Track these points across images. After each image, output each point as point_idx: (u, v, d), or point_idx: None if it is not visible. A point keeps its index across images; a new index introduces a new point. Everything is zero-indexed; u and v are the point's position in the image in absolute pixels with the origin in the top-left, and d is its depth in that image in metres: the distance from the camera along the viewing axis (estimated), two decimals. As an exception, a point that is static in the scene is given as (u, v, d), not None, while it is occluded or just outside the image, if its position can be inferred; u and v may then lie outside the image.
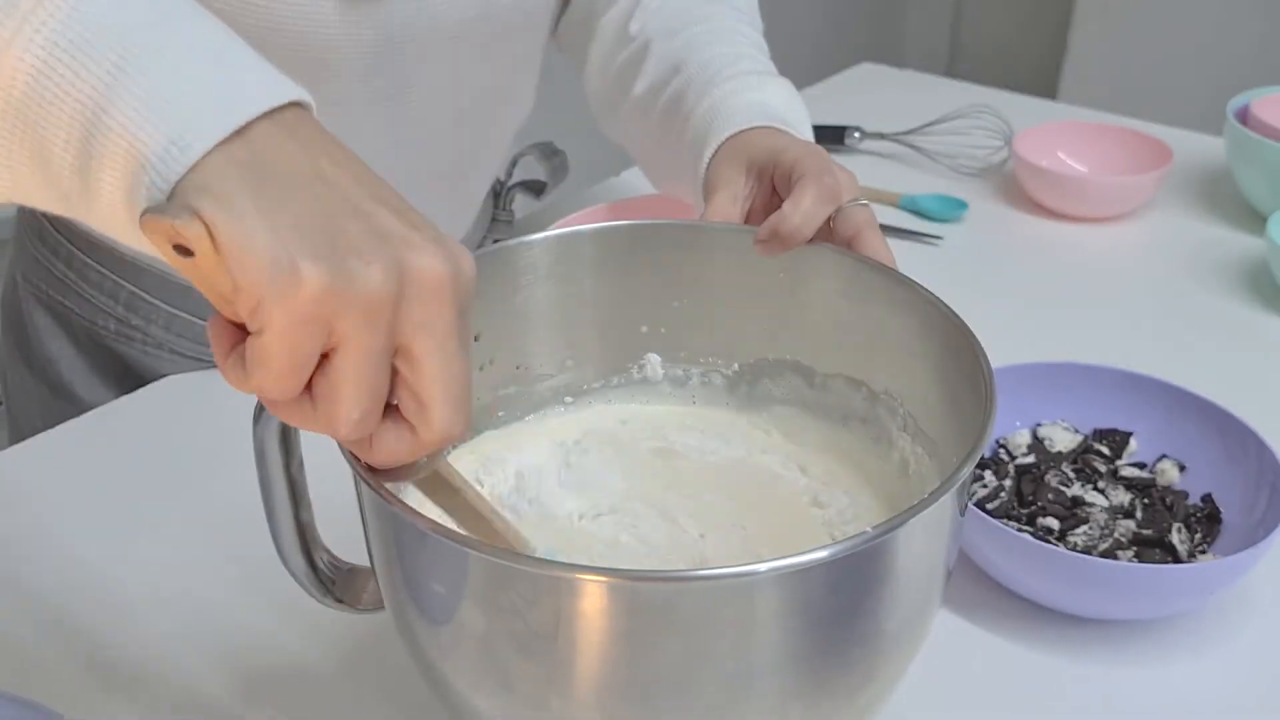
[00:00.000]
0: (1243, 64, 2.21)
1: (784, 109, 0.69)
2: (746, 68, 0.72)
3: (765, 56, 0.77)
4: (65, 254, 0.83)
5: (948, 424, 0.53)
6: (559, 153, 0.99)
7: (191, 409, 0.82)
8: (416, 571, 0.44)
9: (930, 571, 0.45)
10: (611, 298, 0.61)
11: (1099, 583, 0.60)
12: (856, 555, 0.40)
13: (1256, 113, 1.05)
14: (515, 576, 0.40)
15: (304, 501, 0.48)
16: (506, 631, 0.42)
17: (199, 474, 0.74)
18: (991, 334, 0.52)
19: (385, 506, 0.42)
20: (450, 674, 0.45)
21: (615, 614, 0.40)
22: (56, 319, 0.86)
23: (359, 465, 0.42)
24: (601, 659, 0.42)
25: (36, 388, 0.89)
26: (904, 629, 0.45)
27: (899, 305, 0.55)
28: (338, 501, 0.52)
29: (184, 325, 0.83)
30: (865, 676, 0.45)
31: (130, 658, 0.61)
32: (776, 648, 0.42)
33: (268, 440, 0.46)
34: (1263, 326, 0.92)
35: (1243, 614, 0.64)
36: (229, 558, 0.66)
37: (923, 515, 0.41)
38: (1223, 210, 1.08)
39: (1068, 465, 0.70)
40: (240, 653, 0.61)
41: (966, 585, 0.65)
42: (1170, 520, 0.66)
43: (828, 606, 0.41)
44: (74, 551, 0.68)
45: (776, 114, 0.68)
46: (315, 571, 0.50)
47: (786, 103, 0.70)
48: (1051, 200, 1.06)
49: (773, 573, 0.39)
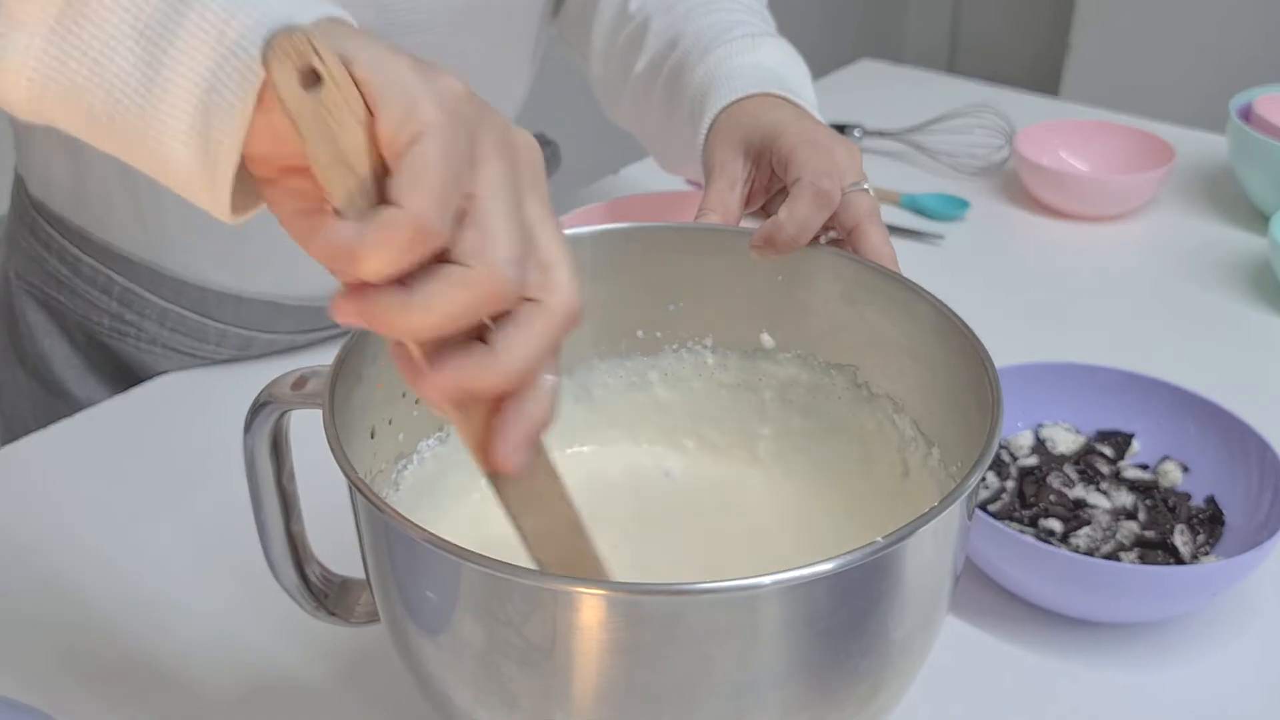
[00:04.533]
0: (1245, 62, 2.21)
1: (780, 69, 0.68)
2: (741, 32, 0.71)
3: (765, 20, 0.76)
4: (58, 249, 0.83)
5: (949, 427, 0.53)
6: (550, 143, 0.99)
7: (186, 408, 0.81)
8: (412, 583, 0.43)
9: (938, 580, 0.45)
10: (607, 300, 0.60)
11: (1102, 585, 0.60)
12: (864, 566, 0.39)
13: (1259, 111, 1.04)
14: (514, 589, 0.39)
15: (295, 513, 0.48)
16: (506, 645, 0.41)
17: (194, 475, 0.73)
18: (993, 334, 0.52)
19: (379, 516, 0.41)
20: (449, 689, 0.45)
21: (617, 628, 0.39)
22: (50, 315, 0.86)
23: (488, 472, 0.39)
24: (604, 673, 0.41)
25: (30, 385, 0.88)
26: (912, 638, 0.44)
27: (899, 308, 0.55)
28: (330, 513, 0.52)
29: (177, 320, 0.82)
30: (873, 687, 0.44)
31: (123, 662, 0.60)
32: (782, 660, 0.41)
33: (258, 450, 0.45)
34: (1266, 326, 0.91)
35: (1246, 616, 0.64)
36: (225, 561, 0.66)
37: (932, 524, 0.40)
38: (1225, 209, 1.08)
39: (1070, 467, 0.70)
40: (235, 660, 0.61)
41: (968, 588, 0.64)
42: (1173, 522, 0.65)
43: (835, 618, 0.40)
44: (67, 555, 0.67)
45: (773, 76, 0.67)
46: (307, 584, 0.49)
47: (782, 62, 0.69)
48: (1053, 199, 1.06)
49: (777, 585, 0.38)
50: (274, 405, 0.45)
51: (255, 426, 0.45)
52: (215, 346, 0.84)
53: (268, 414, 0.45)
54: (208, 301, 0.82)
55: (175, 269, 0.81)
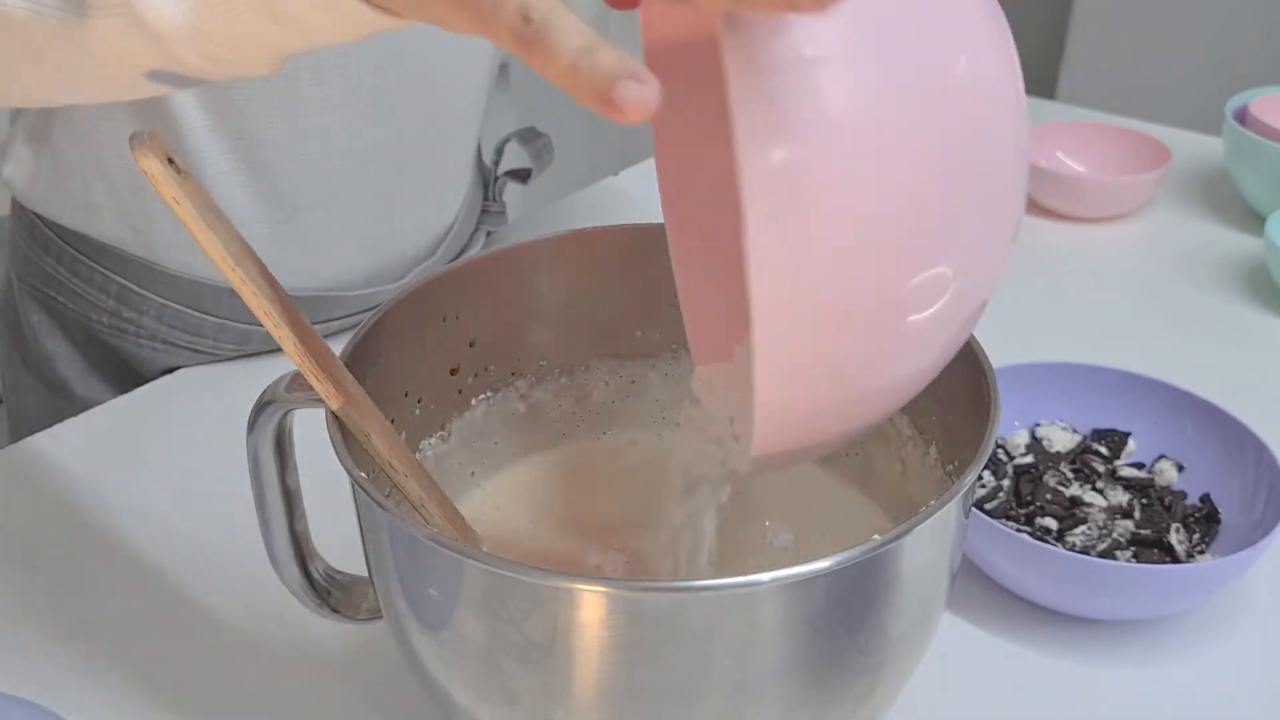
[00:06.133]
0: (1241, 64, 2.21)
1: None
2: None
3: None
4: (55, 249, 0.83)
5: (946, 426, 0.53)
6: (541, 136, 0.99)
7: (192, 406, 0.82)
8: (414, 581, 0.43)
9: (936, 578, 0.45)
10: (607, 300, 0.61)
11: (1097, 583, 0.60)
12: (862, 564, 0.39)
13: (1255, 113, 1.05)
14: (515, 586, 0.40)
15: (299, 511, 0.48)
16: (507, 643, 0.41)
17: (200, 473, 0.74)
18: (990, 333, 0.52)
19: (381, 514, 0.42)
20: (450, 686, 0.45)
21: (616, 625, 0.40)
22: (51, 316, 0.86)
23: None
24: (604, 670, 0.41)
25: (34, 385, 0.89)
26: (909, 636, 0.45)
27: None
28: (335, 511, 0.52)
29: (175, 316, 0.83)
30: (871, 684, 0.44)
31: (129, 660, 0.61)
32: (781, 657, 0.41)
33: (261, 449, 0.45)
34: (1261, 326, 0.91)
35: (1241, 614, 0.64)
36: (229, 558, 0.66)
37: (929, 522, 0.41)
38: (1221, 210, 1.08)
39: (1066, 465, 0.70)
40: (240, 657, 0.61)
41: (964, 585, 0.65)
42: (1168, 520, 0.66)
43: (832, 616, 0.41)
44: (73, 554, 0.68)
45: None
46: (310, 582, 0.49)
47: None
48: (1049, 200, 1.06)
49: (776, 583, 0.38)
50: (277, 405, 0.45)
51: (259, 426, 0.45)
52: (214, 341, 0.84)
53: (271, 413, 0.46)
54: (202, 296, 0.82)
55: (167, 264, 0.81)
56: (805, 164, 0.33)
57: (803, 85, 0.32)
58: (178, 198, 0.40)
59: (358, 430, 0.45)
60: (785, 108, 0.32)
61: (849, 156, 0.33)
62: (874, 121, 0.33)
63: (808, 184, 0.33)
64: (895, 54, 0.34)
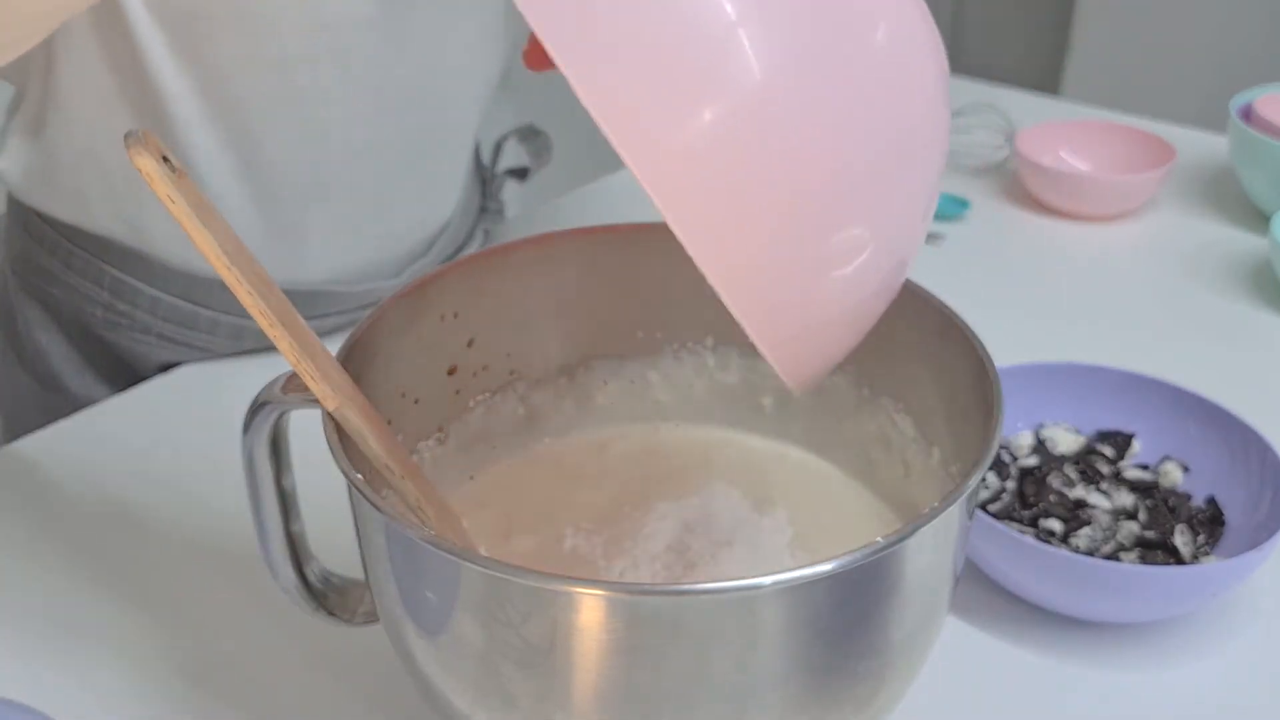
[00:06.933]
0: (1246, 62, 2.20)
1: None
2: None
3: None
4: (50, 243, 0.83)
5: (950, 427, 0.53)
6: (540, 133, 0.98)
7: (189, 405, 0.81)
8: (411, 583, 0.43)
9: (938, 581, 0.45)
10: (607, 300, 0.60)
11: (1102, 585, 0.59)
12: (864, 567, 0.39)
13: (1260, 111, 1.04)
14: (513, 589, 0.39)
15: (295, 513, 0.47)
16: (505, 646, 0.41)
17: (196, 473, 0.73)
18: (993, 334, 0.51)
19: (378, 516, 0.41)
20: (448, 690, 0.45)
21: (616, 628, 0.39)
22: (46, 310, 0.86)
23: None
24: (603, 674, 0.41)
25: (28, 382, 0.89)
26: (912, 639, 0.44)
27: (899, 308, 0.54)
28: (331, 513, 0.52)
29: (169, 309, 0.83)
30: (873, 688, 0.44)
31: (123, 662, 0.60)
32: (782, 661, 0.41)
33: (257, 450, 0.45)
34: (1266, 326, 0.91)
35: (1246, 616, 0.64)
36: (225, 560, 0.66)
37: (932, 525, 0.40)
38: (1226, 209, 1.08)
39: (1070, 467, 0.70)
40: (235, 660, 0.61)
41: (967, 587, 0.64)
42: (1173, 522, 0.65)
43: (834, 619, 0.40)
44: (67, 554, 0.67)
45: None
46: (306, 584, 0.49)
47: None
48: (1054, 198, 1.06)
49: (777, 586, 0.38)
50: (273, 405, 0.45)
51: (254, 427, 0.45)
52: (208, 335, 0.84)
53: (266, 414, 0.45)
54: (195, 288, 0.82)
55: (160, 255, 0.81)
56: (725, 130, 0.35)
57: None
58: (172, 196, 0.40)
59: (354, 431, 0.45)
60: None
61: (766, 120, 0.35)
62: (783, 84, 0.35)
63: (725, 150, 0.35)
64: (807, 14, 0.36)
